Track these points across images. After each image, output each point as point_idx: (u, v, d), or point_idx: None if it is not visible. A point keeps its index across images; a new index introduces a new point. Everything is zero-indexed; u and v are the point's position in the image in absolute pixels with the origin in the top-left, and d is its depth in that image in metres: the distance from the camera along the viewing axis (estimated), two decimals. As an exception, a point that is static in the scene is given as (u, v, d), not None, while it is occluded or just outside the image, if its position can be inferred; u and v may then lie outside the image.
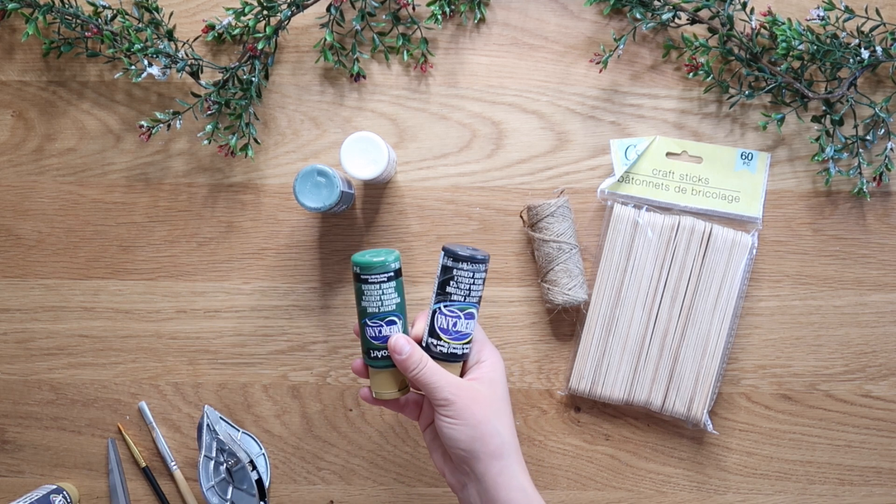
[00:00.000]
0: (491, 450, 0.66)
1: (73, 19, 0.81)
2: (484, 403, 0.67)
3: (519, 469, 0.67)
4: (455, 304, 0.67)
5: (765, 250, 0.84)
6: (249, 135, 0.83)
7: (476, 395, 0.67)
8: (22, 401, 0.86)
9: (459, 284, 0.67)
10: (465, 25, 0.85)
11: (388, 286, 0.68)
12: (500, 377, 0.69)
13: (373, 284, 0.67)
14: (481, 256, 0.67)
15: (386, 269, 0.67)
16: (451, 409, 0.66)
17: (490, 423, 0.66)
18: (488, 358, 0.70)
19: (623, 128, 0.84)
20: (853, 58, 0.80)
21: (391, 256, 0.68)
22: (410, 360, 0.67)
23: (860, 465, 0.85)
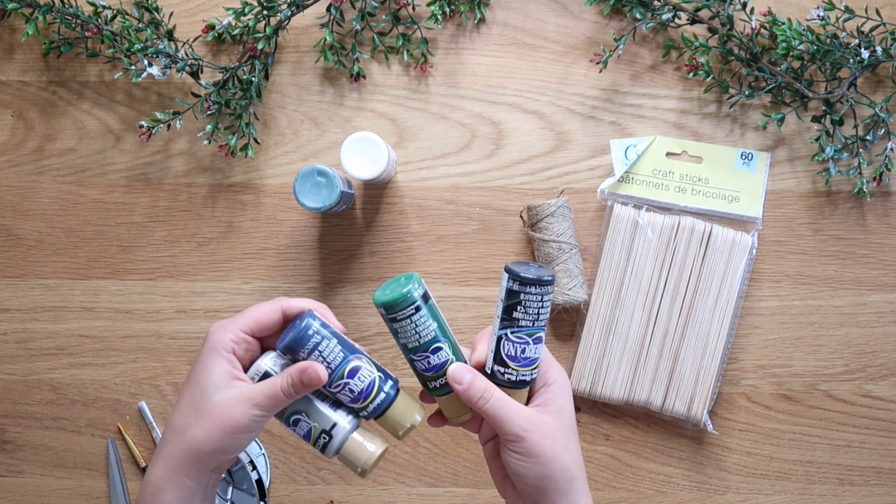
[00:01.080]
0: (559, 486, 0.61)
1: (73, 19, 0.81)
2: (554, 438, 0.61)
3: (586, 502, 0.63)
4: (523, 330, 0.61)
5: (765, 250, 0.84)
6: (249, 135, 0.83)
7: (546, 428, 0.61)
8: (22, 401, 0.86)
9: (528, 309, 0.60)
10: (465, 25, 0.85)
11: (418, 316, 0.61)
12: (568, 402, 0.63)
13: (403, 321, 0.61)
14: (549, 277, 0.60)
15: (412, 300, 0.60)
16: (521, 445, 0.60)
17: (560, 459, 0.60)
18: (556, 380, 0.63)
19: (623, 128, 0.84)
20: (853, 58, 0.80)
21: (412, 285, 0.61)
22: (473, 389, 0.61)
23: (860, 465, 0.85)
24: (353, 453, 0.62)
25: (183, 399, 0.60)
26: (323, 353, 0.60)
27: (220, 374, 0.59)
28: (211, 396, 0.59)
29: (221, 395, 0.59)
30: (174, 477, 0.59)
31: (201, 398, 0.59)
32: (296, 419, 0.62)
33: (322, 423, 0.62)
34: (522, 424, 0.60)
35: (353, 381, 0.61)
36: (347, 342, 0.62)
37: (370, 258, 0.85)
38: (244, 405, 0.58)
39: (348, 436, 0.62)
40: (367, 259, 0.85)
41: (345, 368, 0.61)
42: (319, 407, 0.62)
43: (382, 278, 0.85)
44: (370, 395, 0.62)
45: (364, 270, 0.85)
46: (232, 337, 0.60)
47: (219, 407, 0.59)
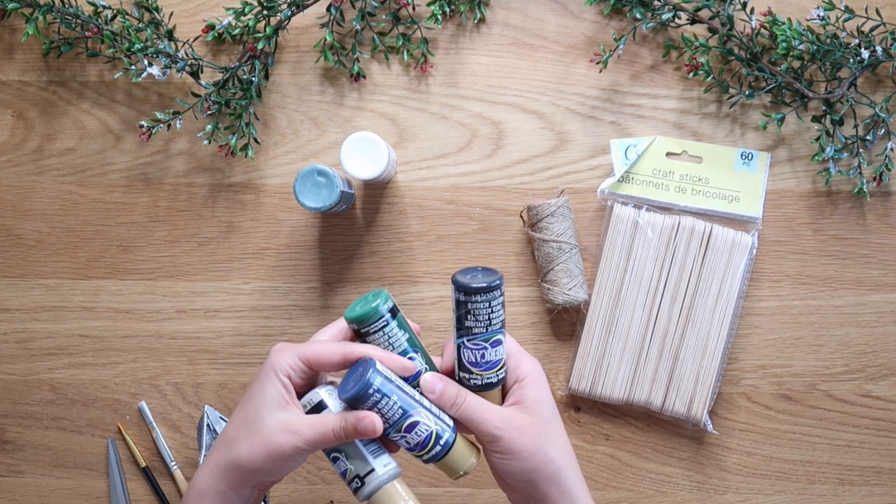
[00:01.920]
0: (547, 478, 0.61)
1: (73, 19, 0.81)
2: (532, 432, 0.61)
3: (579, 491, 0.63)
4: (478, 337, 0.62)
5: (765, 250, 0.84)
6: (249, 135, 0.83)
7: (521, 423, 0.62)
8: (22, 401, 0.86)
9: (478, 317, 0.61)
10: (465, 25, 0.85)
11: (389, 329, 0.63)
12: (544, 393, 0.64)
13: (375, 334, 0.63)
14: (494, 282, 0.60)
15: (380, 314, 0.63)
16: (499, 444, 0.61)
17: (541, 451, 0.61)
18: (527, 374, 0.64)
19: (623, 128, 0.84)
20: (853, 58, 0.80)
21: (380, 300, 0.63)
22: (445, 396, 0.62)
23: (860, 465, 0.85)
24: (388, 497, 0.62)
25: (238, 412, 0.61)
26: (382, 410, 0.60)
27: (275, 395, 0.60)
28: (263, 416, 0.60)
29: (273, 418, 0.60)
30: (216, 484, 0.60)
31: (254, 416, 0.60)
32: (335, 456, 0.62)
33: (358, 468, 0.62)
34: (496, 423, 0.61)
35: (411, 435, 0.61)
36: (408, 395, 0.61)
37: (370, 258, 0.85)
38: (292, 436, 0.59)
39: (381, 485, 0.62)
40: (367, 259, 0.85)
41: (403, 424, 0.61)
42: (361, 449, 0.62)
43: (382, 278, 0.85)
44: (427, 446, 0.62)
45: (364, 270, 0.85)
46: (290, 362, 0.61)
47: (268, 429, 0.59)
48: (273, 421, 0.59)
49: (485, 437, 0.61)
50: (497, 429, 0.61)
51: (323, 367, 0.61)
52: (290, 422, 0.59)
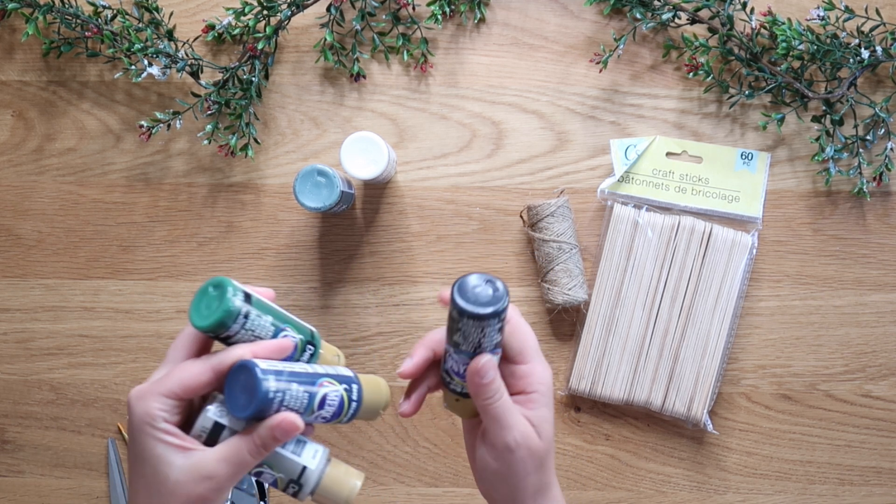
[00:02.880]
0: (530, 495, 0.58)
1: (73, 19, 0.81)
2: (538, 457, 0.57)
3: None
4: (464, 354, 0.56)
5: (765, 250, 0.84)
6: (249, 135, 0.83)
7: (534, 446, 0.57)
8: (22, 401, 0.86)
9: (466, 337, 0.55)
10: (465, 25, 0.85)
11: (251, 321, 0.54)
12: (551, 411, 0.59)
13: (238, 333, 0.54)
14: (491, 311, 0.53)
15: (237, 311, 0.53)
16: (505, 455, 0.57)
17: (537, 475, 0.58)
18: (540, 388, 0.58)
19: (623, 128, 0.84)
20: (853, 58, 0.80)
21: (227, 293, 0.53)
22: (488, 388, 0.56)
23: (860, 465, 0.85)
24: (331, 492, 0.57)
25: (136, 482, 0.54)
26: (290, 405, 0.53)
27: (164, 449, 0.52)
28: (166, 476, 0.52)
29: (177, 472, 0.52)
30: None
31: (156, 480, 0.52)
32: (258, 472, 0.55)
33: (289, 473, 0.56)
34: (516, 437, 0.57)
35: (325, 409, 0.56)
36: (304, 375, 0.55)
37: (370, 258, 0.85)
38: (209, 482, 0.52)
39: (321, 477, 0.57)
40: (367, 259, 0.85)
41: (313, 405, 0.55)
42: (281, 454, 0.56)
43: (382, 278, 0.85)
44: (343, 409, 0.57)
45: (364, 270, 0.85)
46: (159, 407, 0.52)
47: (180, 485, 0.52)
48: (179, 476, 0.52)
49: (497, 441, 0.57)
50: (514, 442, 0.57)
51: (195, 393, 0.53)
52: (198, 467, 0.52)
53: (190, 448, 0.52)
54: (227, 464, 0.52)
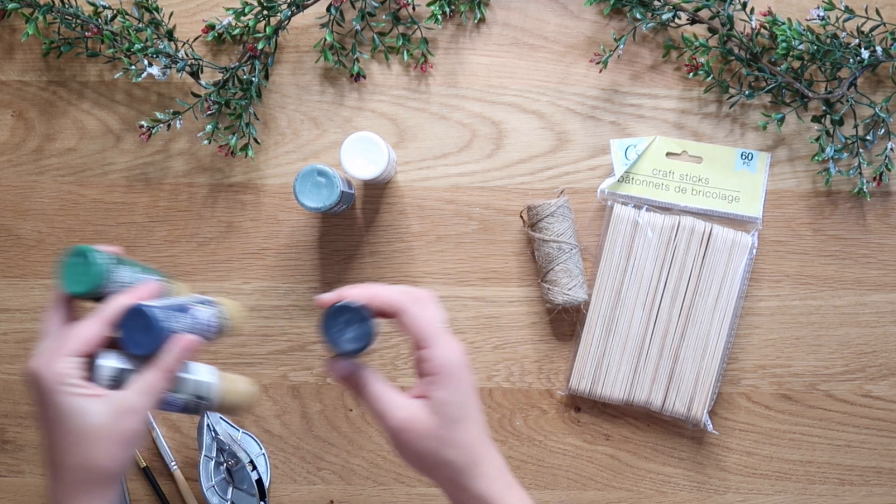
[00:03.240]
0: (448, 479, 0.59)
1: (73, 19, 0.81)
2: (430, 436, 0.58)
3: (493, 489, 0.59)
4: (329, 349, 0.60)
5: (765, 250, 0.84)
6: (249, 135, 0.83)
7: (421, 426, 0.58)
8: (22, 401, 0.86)
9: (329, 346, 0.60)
10: (465, 25, 0.85)
11: (121, 276, 0.62)
12: (452, 394, 0.59)
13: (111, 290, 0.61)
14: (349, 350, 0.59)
15: (107, 273, 0.61)
16: (396, 441, 0.59)
17: (438, 455, 0.58)
18: (441, 370, 0.58)
19: (623, 128, 0.84)
20: (853, 58, 0.80)
21: (92, 258, 0.60)
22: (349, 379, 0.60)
23: (860, 465, 0.85)
24: (233, 399, 0.66)
25: (59, 444, 0.58)
26: (180, 331, 0.61)
27: (83, 402, 0.57)
28: (91, 423, 0.57)
29: (100, 417, 0.57)
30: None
31: (82, 431, 0.57)
32: (166, 403, 0.62)
33: (193, 391, 0.63)
34: (396, 423, 0.58)
35: (206, 329, 0.64)
36: (179, 304, 0.62)
37: (370, 258, 0.85)
38: (134, 414, 0.58)
39: (220, 390, 0.65)
40: (367, 259, 0.85)
41: (197, 326, 0.63)
42: (182, 377, 0.63)
43: (382, 278, 0.85)
44: (219, 328, 0.66)
45: (364, 270, 0.85)
46: (68, 366, 0.57)
47: (105, 427, 0.57)
48: (103, 419, 0.57)
49: (384, 430, 0.60)
50: (396, 428, 0.58)
51: (96, 346, 0.59)
52: (120, 405, 0.57)
53: (105, 394, 0.58)
54: (145, 394, 0.58)
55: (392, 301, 0.60)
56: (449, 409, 0.59)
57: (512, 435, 0.85)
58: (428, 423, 0.59)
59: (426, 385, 0.59)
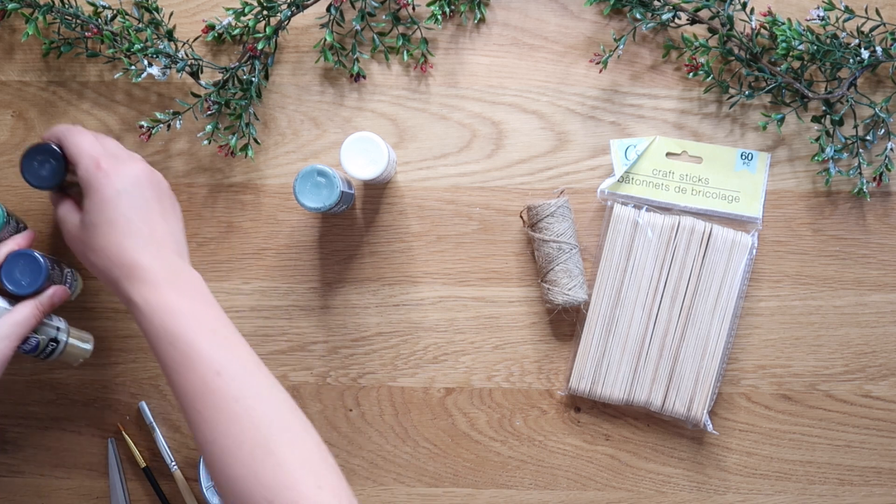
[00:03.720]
0: (104, 277, 0.69)
1: (73, 19, 0.81)
2: (72, 241, 0.71)
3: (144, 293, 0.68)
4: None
5: (765, 250, 0.84)
6: (249, 135, 0.83)
7: (69, 230, 0.71)
8: (22, 401, 0.86)
9: None
10: (465, 25, 0.85)
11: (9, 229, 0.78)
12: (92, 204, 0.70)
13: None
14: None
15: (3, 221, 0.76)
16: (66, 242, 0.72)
17: (83, 257, 0.70)
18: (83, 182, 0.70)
19: (623, 128, 0.84)
20: (853, 58, 0.80)
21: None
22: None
23: (860, 465, 0.85)
24: (74, 352, 0.78)
25: None
26: (54, 279, 0.76)
27: None
28: None
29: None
30: None
31: None
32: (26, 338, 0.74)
33: (48, 334, 0.76)
34: (57, 221, 0.73)
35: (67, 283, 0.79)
36: (48, 257, 0.76)
37: (370, 258, 0.85)
38: (6, 340, 0.70)
39: (68, 337, 0.77)
40: (367, 259, 0.85)
41: (60, 279, 0.78)
42: (44, 321, 0.76)
43: (382, 278, 0.85)
44: (72, 285, 0.81)
45: (364, 270, 0.85)
46: None
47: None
48: None
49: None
50: (60, 225, 0.72)
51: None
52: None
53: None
54: (19, 326, 0.71)
55: (57, 134, 0.73)
56: (88, 216, 0.69)
57: (512, 435, 0.85)
58: (75, 226, 0.71)
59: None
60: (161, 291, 0.67)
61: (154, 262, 0.68)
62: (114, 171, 0.69)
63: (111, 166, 0.70)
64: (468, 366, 0.85)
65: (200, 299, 0.69)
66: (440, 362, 0.85)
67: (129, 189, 0.69)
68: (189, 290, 0.68)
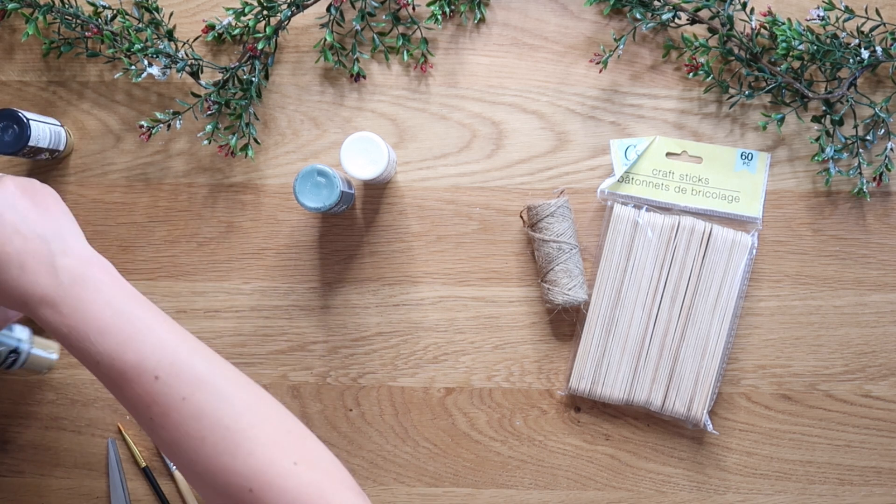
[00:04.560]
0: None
1: (73, 19, 0.81)
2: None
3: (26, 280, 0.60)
4: None
5: (765, 250, 0.84)
6: (249, 135, 0.83)
7: None
8: (22, 401, 0.86)
9: None
10: (465, 25, 0.85)
11: None
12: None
13: None
14: None
15: None
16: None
17: None
18: None
19: (623, 128, 0.84)
20: (853, 58, 0.80)
21: None
22: None
23: (860, 465, 0.85)
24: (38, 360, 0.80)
25: None
26: None
27: None
28: None
29: None
30: None
31: None
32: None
33: (8, 346, 0.77)
34: None
35: None
36: None
37: (370, 258, 0.85)
38: None
39: (30, 350, 0.79)
40: (367, 259, 0.85)
41: None
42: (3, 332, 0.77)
43: (382, 278, 0.85)
44: None
45: (364, 270, 0.85)
46: None
47: None
48: None
49: None
50: None
51: None
52: None
53: None
54: None
55: None
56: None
57: (512, 435, 0.85)
58: None
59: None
60: (60, 312, 0.60)
61: (37, 280, 0.60)
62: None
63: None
64: (468, 366, 0.85)
65: (100, 297, 0.61)
66: (440, 362, 0.85)
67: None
68: (84, 294, 0.61)
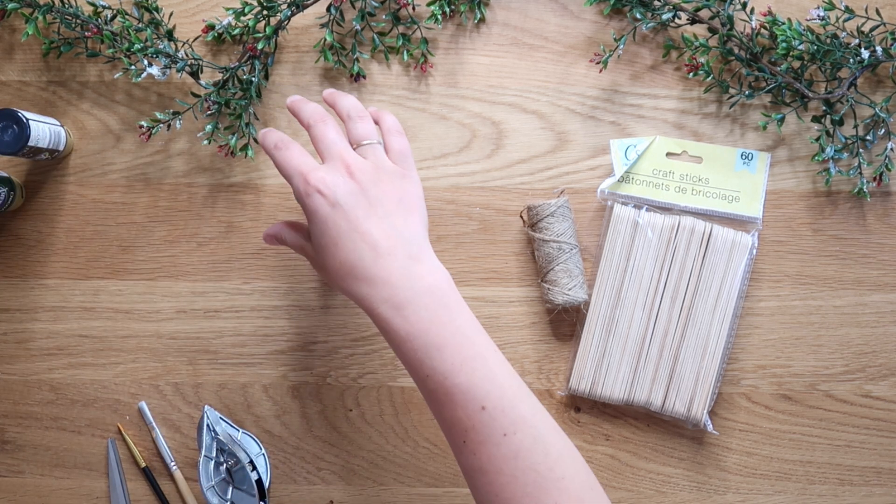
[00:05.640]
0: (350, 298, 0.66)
1: (73, 19, 0.81)
2: (312, 260, 0.69)
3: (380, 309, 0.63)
4: None
5: (765, 250, 0.84)
6: (249, 135, 0.83)
7: (306, 252, 0.70)
8: (22, 401, 0.86)
9: None
10: (465, 25, 0.85)
11: None
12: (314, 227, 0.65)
13: None
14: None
15: None
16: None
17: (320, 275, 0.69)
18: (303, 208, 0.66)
19: (623, 128, 0.84)
20: (853, 58, 0.80)
21: None
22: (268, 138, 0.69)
23: (860, 465, 0.85)
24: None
25: None
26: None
27: None
28: None
29: None
30: None
31: None
32: None
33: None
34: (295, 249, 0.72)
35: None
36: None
37: (370, 258, 0.85)
38: None
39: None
40: (367, 259, 0.85)
41: None
42: None
43: (382, 278, 0.85)
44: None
45: (364, 270, 0.85)
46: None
47: None
48: None
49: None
50: (300, 253, 0.72)
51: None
52: None
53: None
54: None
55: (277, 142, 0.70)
56: (314, 240, 0.66)
57: (512, 435, 0.85)
58: (311, 254, 0.69)
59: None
60: (404, 315, 0.62)
61: (389, 277, 0.62)
62: (323, 184, 0.63)
63: (320, 179, 0.63)
64: (468, 366, 0.85)
65: (446, 313, 0.62)
66: (440, 362, 0.85)
67: (345, 199, 0.63)
68: (432, 304, 0.62)
